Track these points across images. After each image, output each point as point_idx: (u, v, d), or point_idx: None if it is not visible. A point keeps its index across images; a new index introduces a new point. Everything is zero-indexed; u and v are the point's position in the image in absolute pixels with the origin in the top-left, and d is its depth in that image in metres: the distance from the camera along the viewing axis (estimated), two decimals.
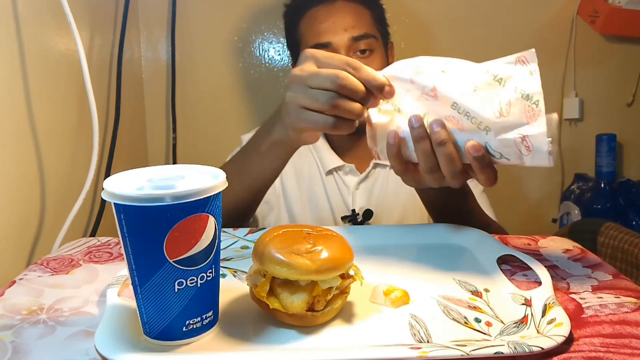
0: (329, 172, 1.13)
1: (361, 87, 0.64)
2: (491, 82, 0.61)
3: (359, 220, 1.09)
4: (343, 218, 1.10)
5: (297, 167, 1.13)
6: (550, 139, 0.58)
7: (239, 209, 0.84)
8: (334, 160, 1.12)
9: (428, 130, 0.63)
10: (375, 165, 1.12)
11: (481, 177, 0.63)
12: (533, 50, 0.62)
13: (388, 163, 1.11)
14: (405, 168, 0.67)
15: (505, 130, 0.60)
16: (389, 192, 1.11)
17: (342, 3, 1.05)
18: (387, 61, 1.09)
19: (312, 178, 1.13)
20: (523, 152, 0.59)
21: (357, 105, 0.65)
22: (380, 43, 1.07)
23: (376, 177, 1.13)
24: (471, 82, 0.61)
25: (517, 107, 0.59)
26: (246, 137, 1.16)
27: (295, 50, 1.12)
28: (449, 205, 0.82)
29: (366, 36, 1.03)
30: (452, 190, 0.71)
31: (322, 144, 1.14)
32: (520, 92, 0.59)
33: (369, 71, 0.65)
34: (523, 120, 0.59)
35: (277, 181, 1.09)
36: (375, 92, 0.65)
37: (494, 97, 0.60)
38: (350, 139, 1.12)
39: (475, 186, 1.08)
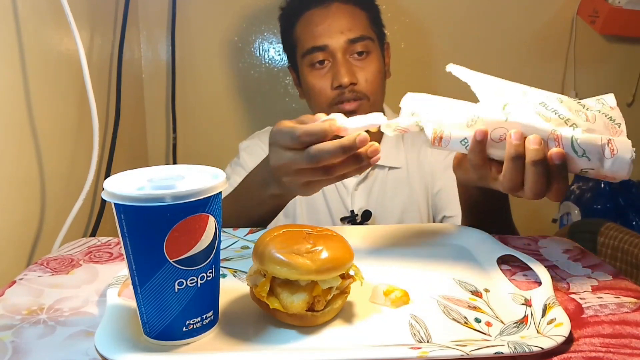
0: None
1: (335, 151, 0.62)
2: (574, 102, 0.64)
3: (358, 221, 1.09)
4: (342, 219, 1.10)
5: None
6: (634, 149, 0.60)
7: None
8: None
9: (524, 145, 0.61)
10: (374, 167, 1.12)
11: (555, 186, 0.61)
12: (612, 94, 0.66)
13: (387, 164, 1.10)
14: (483, 164, 0.65)
15: (592, 131, 0.61)
16: (388, 193, 1.11)
17: (338, 5, 1.04)
18: (383, 62, 1.09)
19: None
20: (606, 155, 0.60)
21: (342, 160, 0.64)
22: (376, 45, 1.07)
23: (375, 177, 1.13)
24: (556, 97, 0.64)
25: (601, 121, 0.62)
26: (244, 145, 1.15)
27: (292, 54, 1.12)
28: (491, 208, 0.80)
29: (362, 38, 1.03)
30: (498, 193, 0.69)
31: None
32: (604, 113, 0.63)
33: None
34: (607, 132, 0.61)
35: None
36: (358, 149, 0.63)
37: (579, 110, 0.63)
38: None
39: None
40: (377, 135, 1.12)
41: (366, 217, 1.09)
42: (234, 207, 0.81)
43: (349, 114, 1.01)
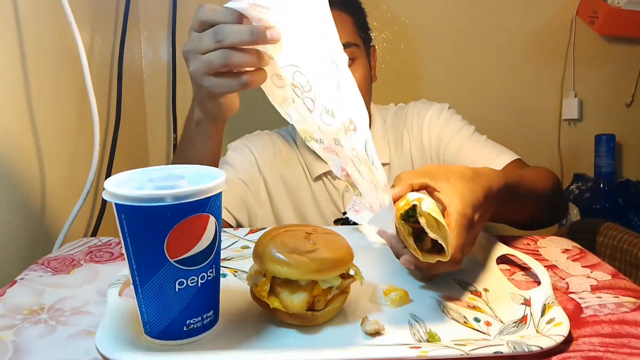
0: (318, 178, 1.10)
1: (241, 31, 0.61)
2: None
3: (351, 222, 1.09)
4: (335, 221, 1.10)
5: (283, 175, 1.11)
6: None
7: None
8: (321, 165, 1.09)
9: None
10: None
11: (438, 272, 0.61)
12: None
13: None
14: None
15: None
16: None
17: None
18: (369, 67, 1.08)
19: (297, 186, 1.11)
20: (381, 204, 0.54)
21: (250, 53, 0.62)
22: (362, 50, 1.05)
23: None
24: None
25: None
26: (232, 145, 1.14)
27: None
28: (511, 212, 0.79)
29: (348, 45, 1.00)
30: (504, 207, 0.69)
31: (308, 151, 1.11)
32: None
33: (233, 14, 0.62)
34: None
35: (263, 189, 1.08)
36: (260, 38, 0.61)
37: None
38: None
39: (461, 131, 1.07)
40: None
41: None
42: (183, 159, 0.79)
43: None
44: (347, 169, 0.60)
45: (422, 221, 0.56)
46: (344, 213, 1.09)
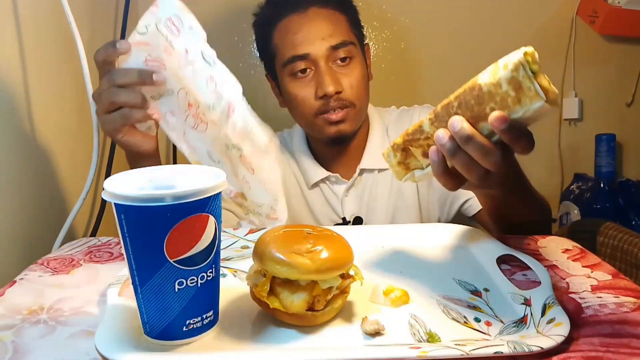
0: (314, 185, 1.09)
1: (130, 72, 0.71)
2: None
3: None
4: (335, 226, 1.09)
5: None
6: None
7: None
8: (319, 172, 1.09)
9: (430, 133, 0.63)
10: (362, 172, 1.09)
11: (517, 147, 0.62)
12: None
13: (375, 167, 1.06)
14: (449, 178, 0.64)
15: None
16: (378, 196, 1.09)
17: (315, 10, 0.99)
18: (366, 65, 1.06)
19: (290, 196, 1.10)
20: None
21: (133, 91, 0.72)
22: (358, 49, 1.03)
23: (364, 183, 1.09)
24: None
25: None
26: None
27: (271, 63, 1.06)
28: (512, 203, 0.78)
29: (345, 44, 0.99)
30: (510, 186, 0.70)
31: (305, 157, 1.10)
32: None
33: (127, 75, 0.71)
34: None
35: None
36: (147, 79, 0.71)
37: None
38: (333, 148, 1.07)
39: None
40: (361, 141, 1.09)
41: (358, 223, 1.08)
42: None
43: (336, 123, 1.00)
44: (239, 176, 0.66)
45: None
46: (343, 218, 1.09)
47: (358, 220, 1.08)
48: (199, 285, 0.50)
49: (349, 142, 1.08)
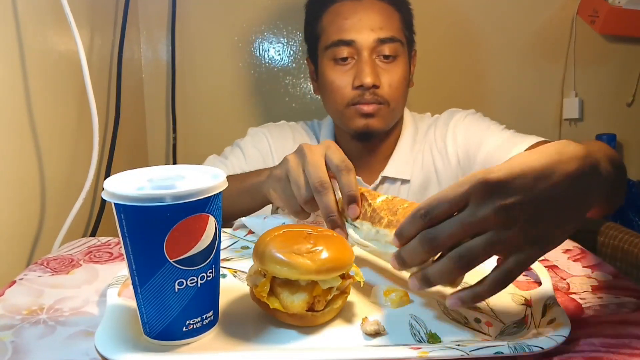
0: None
1: (333, 207, 0.65)
2: None
3: None
4: None
5: None
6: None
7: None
8: None
9: None
10: (383, 180, 1.06)
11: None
12: None
13: (399, 176, 1.05)
14: None
15: None
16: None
17: (371, 1, 0.99)
18: (409, 70, 1.04)
19: None
20: None
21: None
22: (405, 49, 1.01)
23: (385, 191, 1.05)
24: None
25: None
26: (252, 131, 1.12)
27: (314, 45, 1.05)
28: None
29: (393, 40, 0.97)
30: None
31: None
32: None
33: (350, 181, 0.65)
34: None
35: None
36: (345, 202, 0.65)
37: None
38: (363, 146, 1.06)
39: (491, 129, 1.03)
40: (389, 146, 1.06)
41: None
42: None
43: (367, 116, 0.98)
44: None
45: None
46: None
47: None
48: (198, 285, 0.50)
49: (376, 142, 1.06)
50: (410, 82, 1.06)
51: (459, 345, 0.48)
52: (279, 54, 1.60)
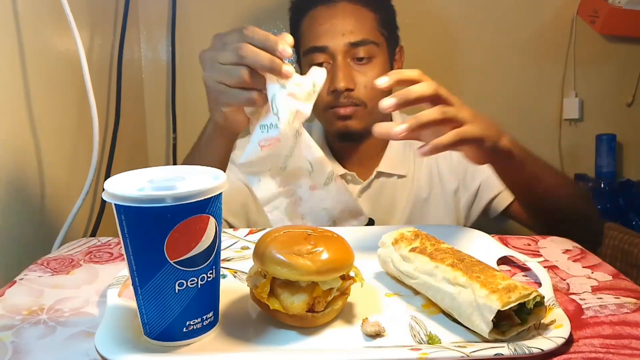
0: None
1: (263, 55, 0.65)
2: None
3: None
4: None
5: None
6: None
7: None
8: (335, 168, 1.04)
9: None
10: (379, 175, 1.07)
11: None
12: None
13: (394, 172, 1.05)
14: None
15: None
16: (397, 204, 1.06)
17: (345, 5, 1.00)
18: (390, 68, 1.05)
19: None
20: None
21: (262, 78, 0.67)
22: (382, 49, 1.02)
23: (380, 186, 1.07)
24: None
25: None
26: (239, 143, 1.09)
27: (296, 49, 1.07)
28: (530, 176, 0.81)
29: (364, 42, 0.98)
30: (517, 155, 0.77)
31: (325, 151, 1.08)
32: None
33: (263, 36, 0.66)
34: None
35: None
36: (275, 55, 0.66)
37: None
38: (352, 145, 1.08)
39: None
40: (380, 143, 1.07)
41: (370, 224, 1.06)
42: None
43: (344, 118, 1.00)
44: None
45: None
46: None
47: (370, 222, 1.06)
48: (199, 286, 0.50)
49: (361, 140, 1.06)
50: None
51: (458, 346, 0.48)
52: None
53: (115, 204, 0.47)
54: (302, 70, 1.07)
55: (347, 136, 1.03)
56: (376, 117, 1.03)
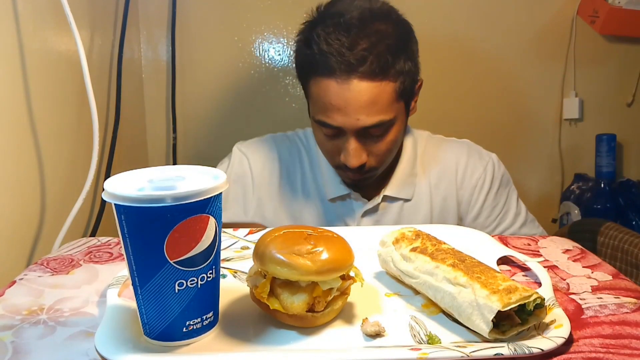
0: (332, 200, 1.02)
1: None
2: None
3: None
4: None
5: (284, 194, 1.03)
6: None
7: None
8: (339, 188, 1.01)
9: None
10: (385, 198, 1.01)
11: None
12: None
13: (400, 196, 1.02)
14: None
15: None
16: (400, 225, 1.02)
17: (357, 84, 0.86)
18: (405, 121, 0.97)
19: (304, 207, 1.03)
20: None
21: None
22: (400, 115, 0.93)
23: (386, 210, 1.02)
24: None
25: None
26: (235, 153, 1.06)
27: (306, 89, 0.96)
28: None
29: (380, 124, 0.89)
30: None
31: (325, 169, 1.02)
32: None
33: None
34: None
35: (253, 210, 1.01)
36: None
37: None
38: None
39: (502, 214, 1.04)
40: (389, 167, 1.01)
41: None
42: None
43: (351, 179, 0.96)
44: None
45: None
46: None
47: None
48: (199, 286, 0.50)
49: None
50: (411, 112, 0.99)
51: (458, 346, 0.48)
52: (279, 54, 1.60)
53: (115, 204, 0.47)
54: (310, 115, 0.97)
55: (354, 186, 1.00)
56: (386, 166, 0.99)
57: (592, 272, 0.66)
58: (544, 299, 0.51)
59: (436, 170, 1.04)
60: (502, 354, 0.47)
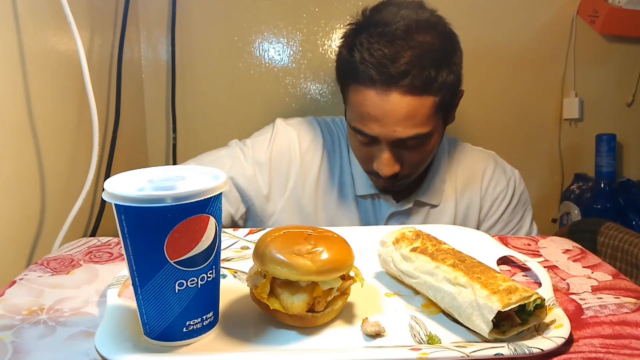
0: (362, 197, 1.02)
1: None
2: None
3: None
4: None
5: (318, 186, 1.01)
6: None
7: None
8: (370, 187, 1.00)
9: None
10: (416, 202, 1.01)
11: None
12: None
13: (430, 202, 1.02)
14: None
15: None
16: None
17: (399, 98, 0.85)
18: (442, 132, 0.95)
19: (340, 203, 1.02)
20: None
21: None
22: (437, 128, 0.91)
23: (415, 214, 1.01)
24: None
25: None
26: (233, 143, 1.07)
27: (344, 94, 0.96)
28: None
29: (417, 137, 0.87)
30: None
31: (358, 165, 1.00)
32: None
33: None
34: None
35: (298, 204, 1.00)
36: None
37: None
38: None
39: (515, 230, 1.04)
40: (423, 171, 1.00)
41: None
42: None
43: (384, 187, 0.95)
44: None
45: None
46: None
47: None
48: (199, 286, 0.50)
49: None
50: (450, 119, 0.98)
51: (458, 346, 0.48)
52: (279, 54, 1.60)
53: (115, 204, 0.47)
54: (346, 119, 0.97)
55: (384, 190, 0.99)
56: (420, 177, 0.99)
57: (592, 272, 0.66)
58: (544, 299, 0.51)
59: (463, 178, 1.04)
60: (502, 354, 0.47)
